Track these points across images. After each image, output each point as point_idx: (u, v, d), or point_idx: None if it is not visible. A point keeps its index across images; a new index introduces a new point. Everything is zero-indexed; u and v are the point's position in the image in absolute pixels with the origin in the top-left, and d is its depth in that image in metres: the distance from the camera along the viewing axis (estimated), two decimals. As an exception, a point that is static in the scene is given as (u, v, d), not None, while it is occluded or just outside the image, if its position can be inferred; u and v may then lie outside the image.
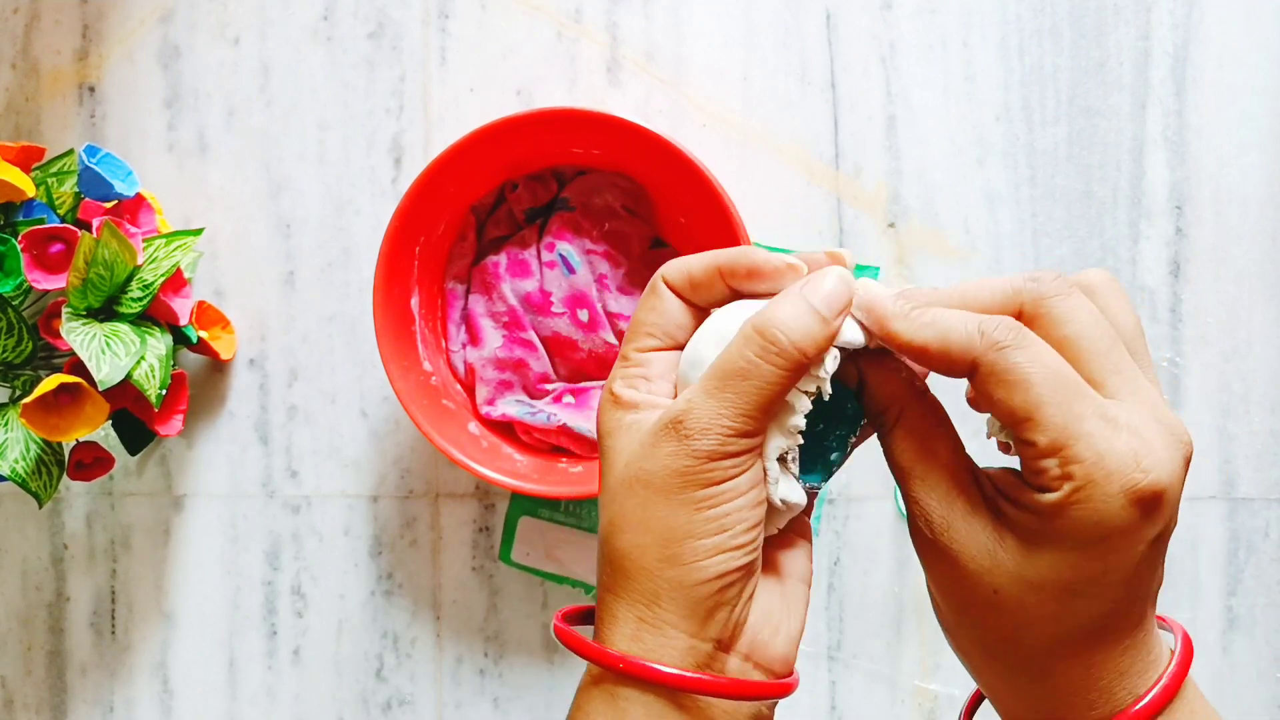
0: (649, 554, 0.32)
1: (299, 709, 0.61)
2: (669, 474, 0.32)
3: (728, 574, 0.32)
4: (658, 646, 0.32)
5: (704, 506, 0.32)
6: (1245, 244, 0.58)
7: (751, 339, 0.32)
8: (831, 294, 0.32)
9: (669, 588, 0.32)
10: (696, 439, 0.32)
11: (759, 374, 0.32)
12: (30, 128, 0.61)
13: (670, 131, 0.58)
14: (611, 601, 0.33)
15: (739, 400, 0.32)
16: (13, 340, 0.52)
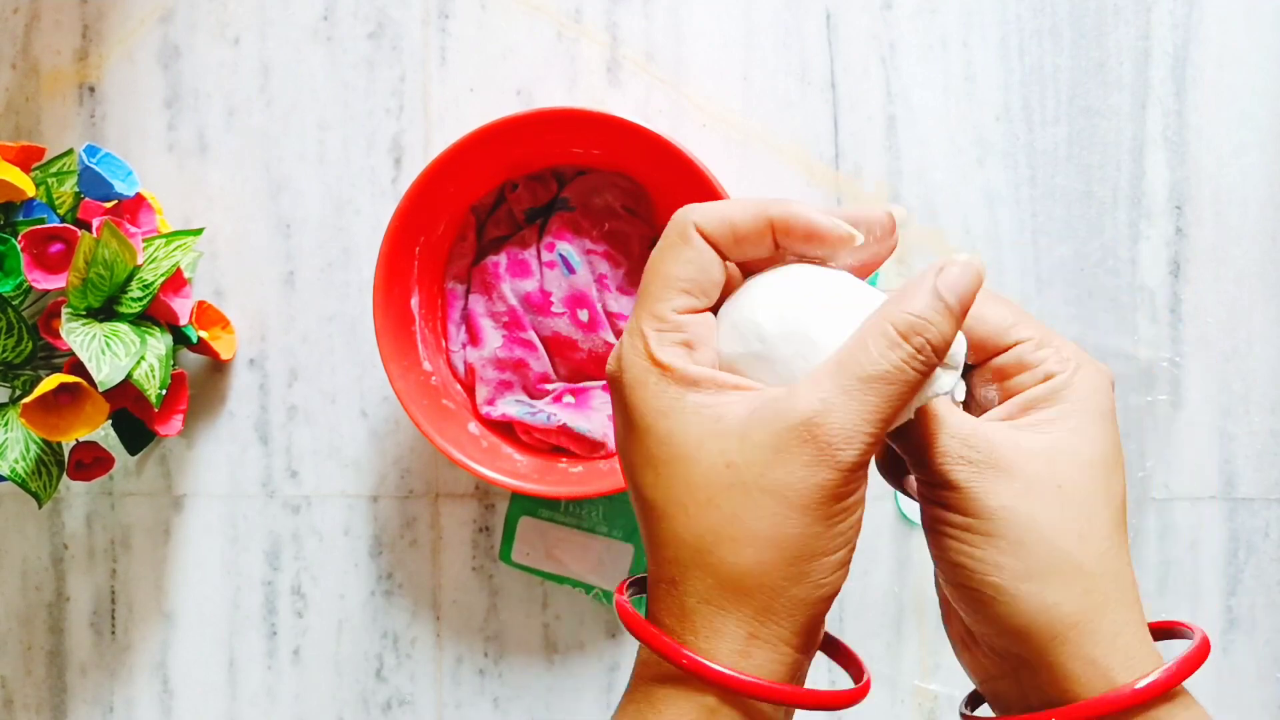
0: (774, 571, 0.30)
1: (299, 709, 0.61)
2: (808, 488, 0.29)
3: (839, 588, 0.31)
4: (768, 661, 0.30)
5: (836, 521, 0.30)
6: (1245, 244, 0.58)
7: (898, 343, 0.30)
8: (965, 289, 0.30)
9: (789, 605, 0.30)
10: (841, 449, 0.29)
11: (904, 380, 0.29)
12: (30, 128, 0.61)
13: (670, 131, 0.58)
14: (712, 614, 0.30)
15: (884, 407, 0.29)
16: (13, 340, 0.52)
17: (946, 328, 0.30)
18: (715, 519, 0.30)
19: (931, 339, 0.30)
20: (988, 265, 0.58)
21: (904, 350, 0.30)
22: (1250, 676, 0.59)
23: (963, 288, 0.30)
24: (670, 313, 0.31)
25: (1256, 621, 0.59)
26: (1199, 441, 0.59)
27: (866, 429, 0.29)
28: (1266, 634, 0.59)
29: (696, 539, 0.30)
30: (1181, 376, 0.59)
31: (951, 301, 0.30)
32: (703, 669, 0.30)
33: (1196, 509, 0.59)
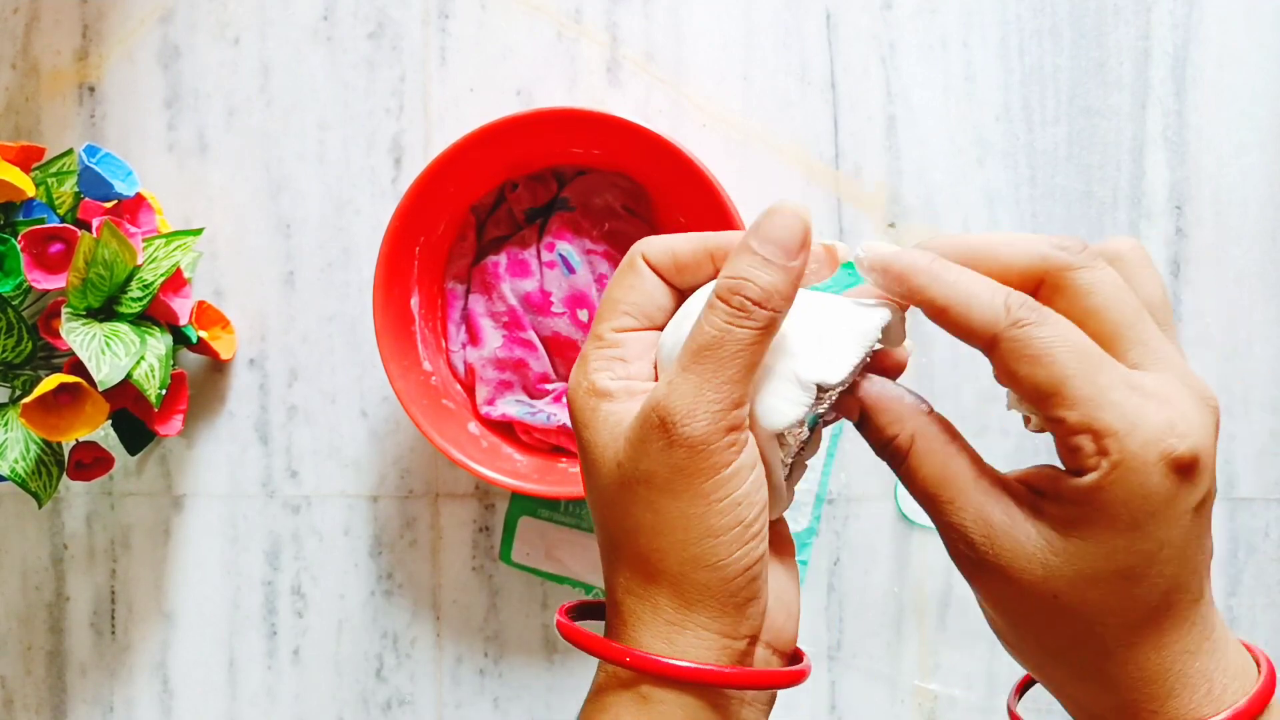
0: (670, 557, 0.31)
1: (299, 709, 0.61)
2: (668, 470, 0.30)
3: (752, 565, 0.31)
4: (691, 648, 0.31)
5: (715, 499, 0.30)
6: (1245, 244, 0.58)
7: (717, 306, 0.30)
8: (782, 235, 0.31)
9: (697, 590, 0.31)
10: (684, 425, 0.30)
11: (734, 341, 0.30)
12: (30, 128, 0.61)
13: (670, 131, 0.58)
14: (634, 604, 0.32)
15: (719, 371, 0.30)
16: (13, 340, 0.52)
17: (767, 279, 0.30)
18: (617, 516, 0.32)
19: (751, 295, 0.30)
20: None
21: (723, 311, 0.30)
22: (1250, 676, 0.59)
23: (776, 233, 0.30)
24: (609, 331, 0.34)
25: (1256, 621, 0.59)
26: (1199, 441, 0.58)
27: (707, 399, 0.30)
28: (1266, 634, 0.59)
29: (610, 538, 0.32)
30: (1181, 376, 0.59)
31: (766, 252, 0.30)
32: (624, 655, 0.31)
33: (1196, 509, 0.59)
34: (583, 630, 0.32)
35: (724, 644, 0.31)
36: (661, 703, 0.31)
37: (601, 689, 0.32)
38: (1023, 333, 0.29)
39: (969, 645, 0.59)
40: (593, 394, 0.33)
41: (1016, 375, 0.30)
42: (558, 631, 0.33)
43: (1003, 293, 0.30)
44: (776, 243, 0.30)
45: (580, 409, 0.33)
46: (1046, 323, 0.29)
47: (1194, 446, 0.29)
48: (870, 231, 0.59)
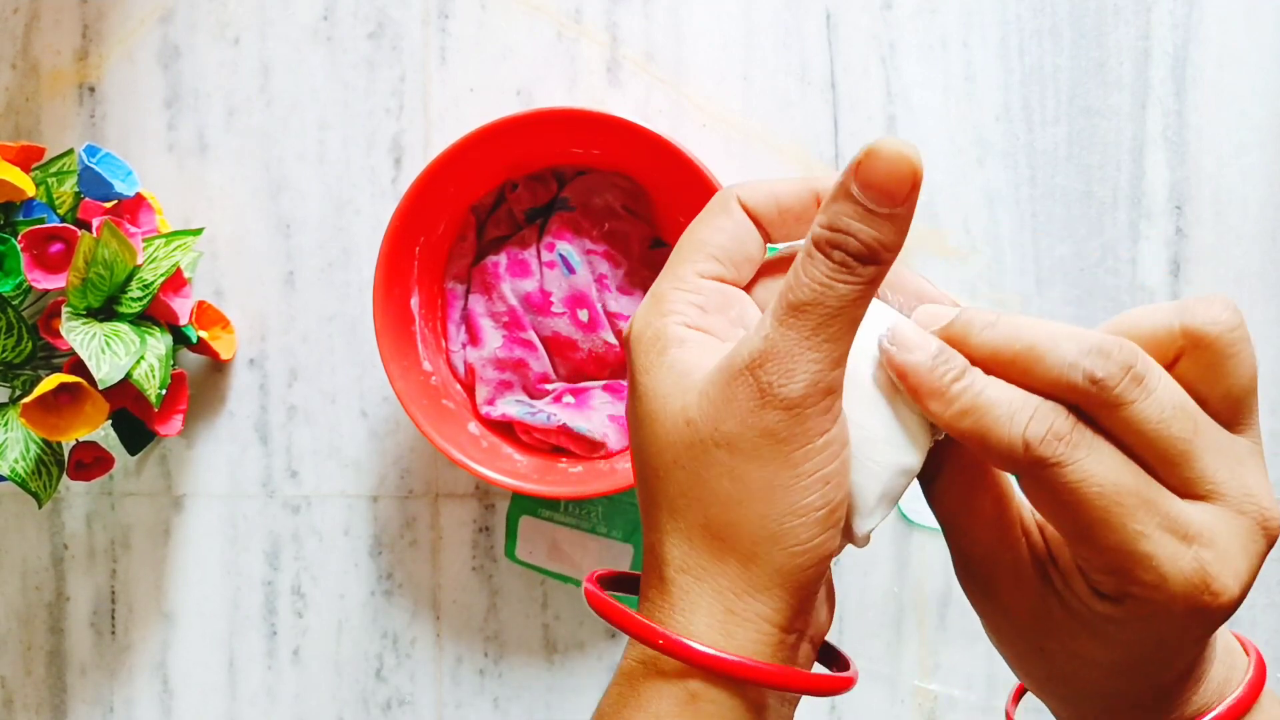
0: (745, 532, 0.27)
1: (299, 709, 0.61)
2: (757, 434, 0.27)
3: (829, 555, 0.28)
4: (749, 642, 0.28)
5: (805, 470, 0.27)
6: (1245, 244, 0.58)
7: (815, 258, 0.27)
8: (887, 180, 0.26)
9: (767, 574, 0.27)
10: (781, 385, 0.27)
11: (835, 297, 0.27)
12: (30, 128, 0.61)
13: (670, 131, 0.58)
14: (690, 585, 0.28)
15: (820, 329, 0.27)
16: (13, 340, 0.52)
17: (867, 229, 0.26)
18: (682, 480, 0.28)
19: (853, 250, 0.26)
20: (987, 265, 0.59)
21: (823, 265, 0.27)
22: (1250, 676, 0.59)
23: (881, 177, 0.26)
24: (692, 274, 0.30)
25: (1256, 621, 0.59)
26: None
27: (808, 359, 0.27)
28: (1266, 634, 0.59)
29: (669, 503, 0.29)
30: (1181, 376, 0.59)
31: (866, 197, 0.26)
32: (679, 648, 0.27)
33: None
34: (626, 611, 0.29)
35: (779, 638, 0.28)
36: (712, 703, 0.28)
37: (634, 676, 0.29)
38: (1045, 474, 0.27)
39: (969, 645, 0.59)
40: (661, 338, 0.29)
41: (1042, 512, 0.28)
42: (587, 603, 0.30)
43: (1024, 420, 0.27)
44: (880, 187, 0.26)
45: (643, 352, 0.29)
46: (1072, 462, 0.26)
47: (1228, 601, 0.27)
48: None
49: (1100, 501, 0.26)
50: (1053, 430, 0.26)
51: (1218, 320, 0.27)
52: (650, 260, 0.57)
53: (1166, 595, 0.27)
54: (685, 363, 0.29)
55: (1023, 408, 0.27)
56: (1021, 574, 0.30)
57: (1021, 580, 0.30)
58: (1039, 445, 0.26)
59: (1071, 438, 0.26)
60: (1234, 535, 0.27)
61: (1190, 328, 0.28)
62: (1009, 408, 0.27)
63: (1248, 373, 0.28)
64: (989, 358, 0.28)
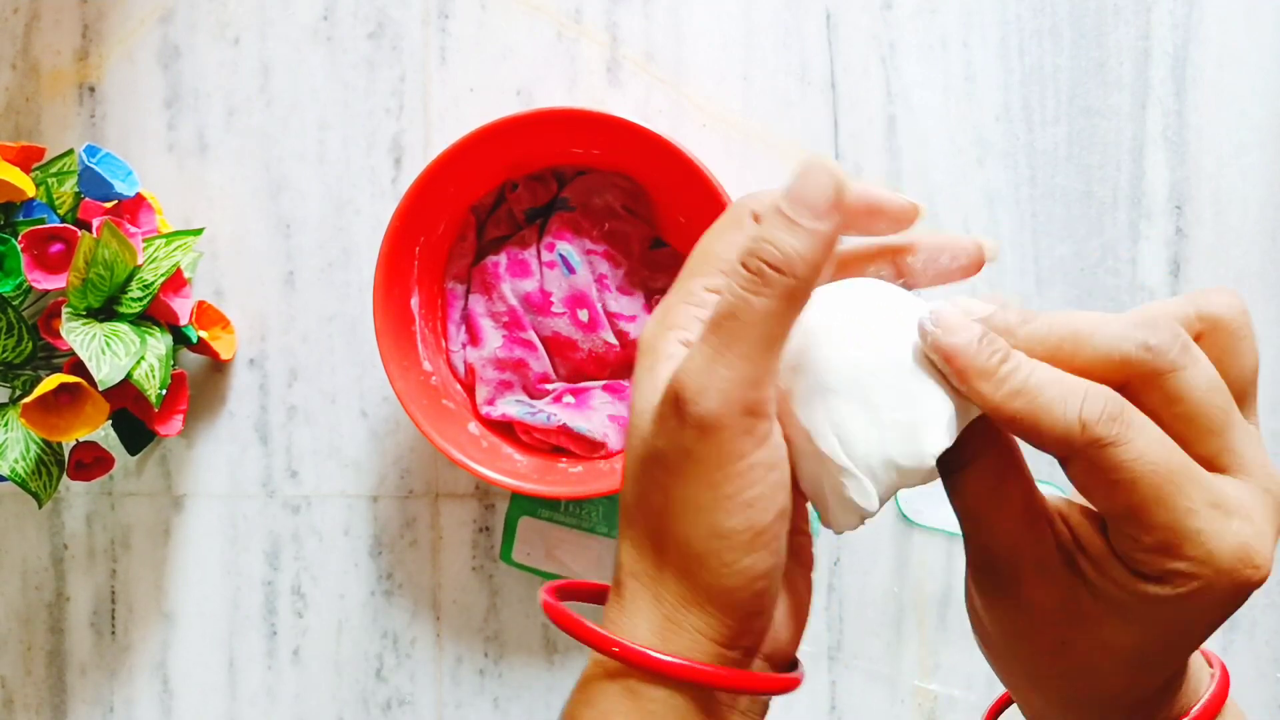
0: (674, 548, 0.28)
1: (299, 709, 0.61)
2: (678, 452, 0.27)
3: (759, 577, 0.28)
4: (683, 649, 0.28)
5: (725, 494, 0.27)
6: (1245, 244, 0.58)
7: (736, 272, 0.27)
8: (809, 193, 0.27)
9: (701, 591, 0.28)
10: (694, 403, 0.27)
11: (749, 310, 0.27)
12: (30, 128, 0.61)
13: (670, 131, 0.58)
14: (637, 589, 0.29)
15: (733, 344, 0.27)
16: (13, 340, 0.52)
17: (789, 243, 0.27)
18: (635, 491, 0.29)
19: (769, 258, 0.27)
20: (987, 266, 0.58)
21: (740, 278, 0.27)
22: (1250, 676, 0.59)
23: (806, 191, 0.27)
24: (700, 289, 0.30)
25: (1256, 621, 0.59)
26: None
27: (720, 376, 0.27)
28: (1266, 634, 0.59)
29: (627, 510, 0.30)
30: (1181, 376, 0.59)
31: (791, 210, 0.27)
32: (606, 643, 0.28)
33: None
34: (570, 614, 0.30)
35: (717, 651, 0.29)
36: (651, 700, 0.28)
37: (590, 679, 0.30)
38: (1103, 454, 0.27)
39: (969, 645, 0.58)
40: (654, 351, 0.30)
41: (1093, 493, 0.28)
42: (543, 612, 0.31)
43: (1078, 401, 0.27)
44: (804, 201, 0.27)
45: (640, 363, 0.30)
46: (1130, 440, 0.27)
47: (1265, 573, 0.28)
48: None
49: (1154, 479, 0.27)
50: (1107, 410, 0.27)
51: (1231, 305, 0.29)
52: (650, 260, 0.57)
53: (1213, 569, 0.27)
54: (661, 378, 0.29)
55: (1074, 389, 0.27)
56: (1047, 565, 0.30)
57: (1047, 571, 0.30)
58: (1096, 425, 0.27)
59: (1124, 417, 0.27)
60: (1266, 512, 0.28)
61: (1206, 312, 0.29)
62: (1061, 389, 0.27)
63: (1253, 357, 0.29)
64: (1029, 347, 0.28)
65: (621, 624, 0.29)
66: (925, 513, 0.58)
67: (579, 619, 0.29)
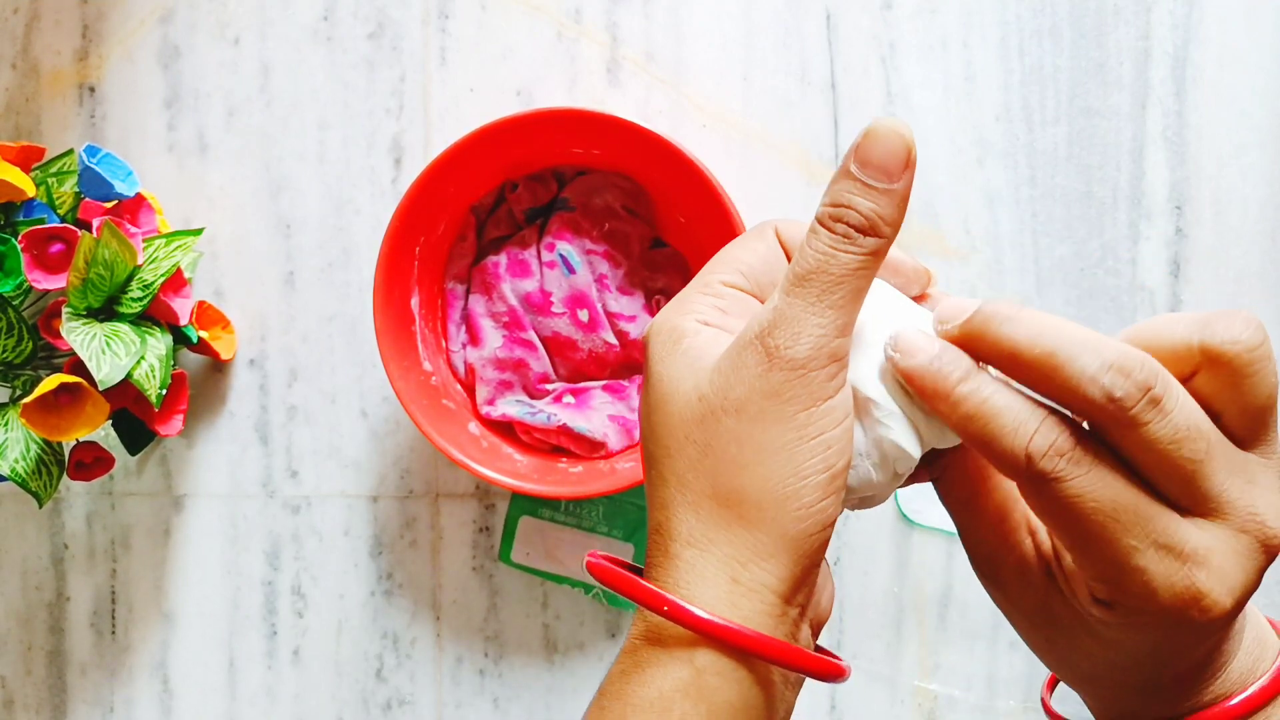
0: (752, 494, 0.28)
1: (299, 709, 0.61)
2: (764, 395, 0.28)
3: (830, 523, 0.29)
4: (755, 613, 0.28)
5: (808, 433, 0.28)
6: (1245, 244, 0.58)
7: (819, 231, 0.29)
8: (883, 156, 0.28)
9: (775, 536, 0.28)
10: (788, 347, 0.28)
11: (838, 266, 0.28)
12: (30, 128, 0.61)
13: (670, 131, 0.58)
14: (695, 557, 0.29)
15: (824, 296, 0.28)
16: (13, 340, 0.52)
17: (868, 205, 0.28)
18: (691, 454, 0.29)
19: (854, 222, 0.28)
20: (987, 265, 0.59)
21: (826, 237, 0.28)
22: (1250, 676, 0.59)
23: (876, 155, 0.28)
24: (717, 282, 0.32)
25: (1256, 621, 0.59)
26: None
27: (813, 324, 0.28)
28: (1266, 634, 0.59)
29: (678, 478, 0.30)
30: (1181, 376, 0.59)
31: (867, 175, 0.28)
32: (685, 615, 0.28)
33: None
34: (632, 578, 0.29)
35: (783, 610, 0.29)
36: (719, 676, 0.28)
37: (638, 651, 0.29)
38: (1044, 487, 0.27)
39: (969, 645, 0.59)
40: (677, 330, 0.31)
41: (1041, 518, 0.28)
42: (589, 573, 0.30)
43: (1028, 432, 0.27)
44: (877, 165, 0.28)
45: (660, 344, 0.31)
46: (1071, 478, 0.27)
47: (1218, 613, 0.27)
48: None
49: (1096, 517, 0.27)
50: (1055, 446, 0.27)
51: (1238, 340, 0.27)
52: (650, 260, 0.57)
53: (1156, 607, 0.27)
54: (699, 349, 0.30)
55: (1029, 420, 0.27)
56: (1027, 572, 0.31)
57: (1026, 578, 0.30)
58: (1040, 459, 0.27)
59: (1072, 454, 0.27)
60: (1232, 553, 0.27)
61: (1209, 346, 0.28)
62: (1014, 417, 0.27)
63: (1266, 391, 0.28)
64: (1009, 356, 0.28)
65: (679, 595, 0.29)
66: (925, 513, 0.58)
67: (650, 586, 0.29)
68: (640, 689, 0.28)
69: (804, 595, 0.30)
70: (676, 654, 0.28)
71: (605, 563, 0.30)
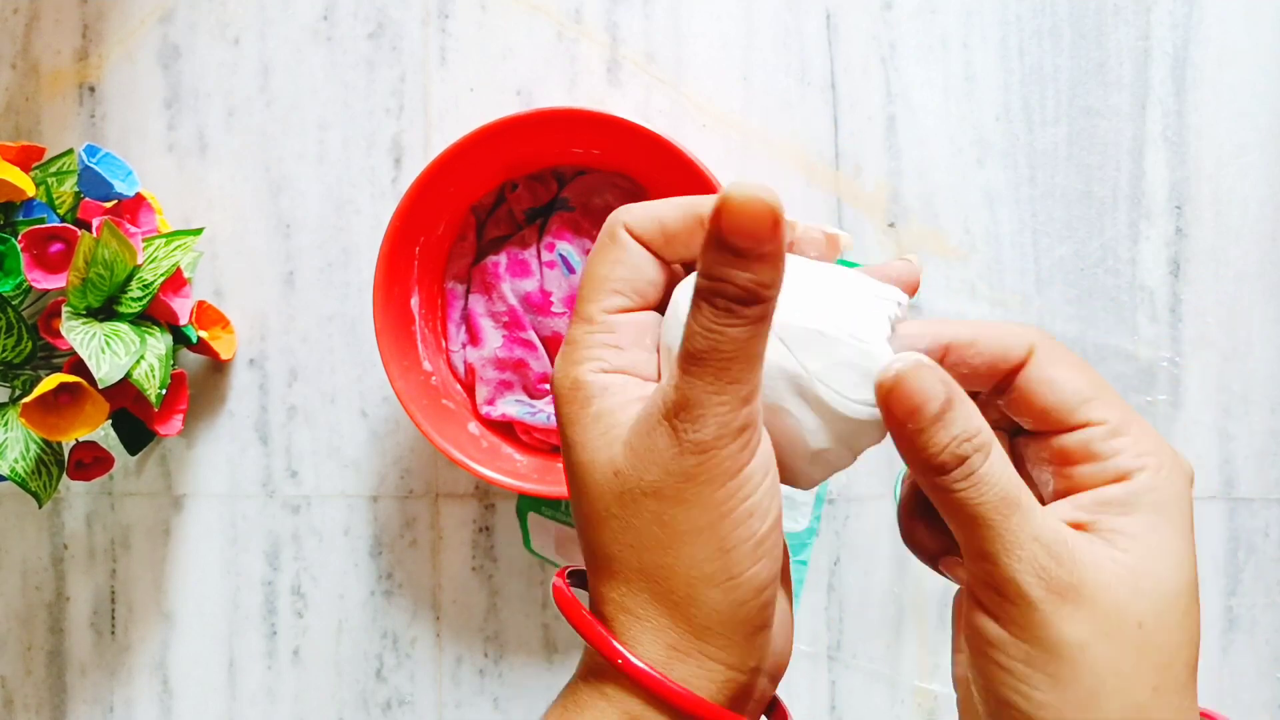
0: (679, 575, 0.28)
1: (299, 709, 0.61)
2: (678, 479, 0.28)
3: (766, 586, 0.28)
4: (693, 676, 0.28)
5: (728, 508, 0.28)
6: (1245, 244, 0.58)
7: (702, 309, 0.27)
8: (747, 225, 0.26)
9: (707, 613, 0.28)
10: (692, 428, 0.27)
11: (727, 341, 0.27)
12: (30, 128, 0.61)
13: (670, 131, 0.58)
14: (630, 624, 0.29)
15: (721, 373, 0.27)
16: (13, 340, 0.52)
17: (741, 274, 0.27)
18: (615, 529, 0.29)
19: (730, 294, 0.27)
20: (987, 265, 0.59)
21: (709, 313, 0.27)
22: (1250, 676, 0.59)
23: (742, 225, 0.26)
24: (600, 314, 0.31)
25: (1256, 621, 0.59)
26: (1199, 441, 0.59)
27: (714, 404, 0.27)
28: (1266, 634, 0.59)
29: (603, 550, 0.29)
30: (1181, 376, 0.59)
31: (733, 244, 0.26)
32: (634, 669, 0.28)
33: (1196, 509, 0.59)
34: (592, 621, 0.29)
35: (729, 676, 0.28)
36: None
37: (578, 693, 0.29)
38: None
39: (969, 645, 0.59)
40: (581, 388, 0.30)
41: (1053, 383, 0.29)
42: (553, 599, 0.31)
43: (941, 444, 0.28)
44: (743, 233, 0.26)
45: (567, 404, 0.30)
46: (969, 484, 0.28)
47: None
48: (870, 231, 0.59)
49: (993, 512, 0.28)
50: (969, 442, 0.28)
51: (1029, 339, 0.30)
52: (650, 260, 0.57)
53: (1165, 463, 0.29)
54: (609, 414, 0.29)
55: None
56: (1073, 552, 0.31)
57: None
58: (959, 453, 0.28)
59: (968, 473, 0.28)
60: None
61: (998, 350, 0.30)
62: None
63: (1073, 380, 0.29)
64: None
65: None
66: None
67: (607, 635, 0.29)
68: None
69: (755, 657, 0.29)
70: (614, 699, 0.28)
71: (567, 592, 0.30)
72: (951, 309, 0.59)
